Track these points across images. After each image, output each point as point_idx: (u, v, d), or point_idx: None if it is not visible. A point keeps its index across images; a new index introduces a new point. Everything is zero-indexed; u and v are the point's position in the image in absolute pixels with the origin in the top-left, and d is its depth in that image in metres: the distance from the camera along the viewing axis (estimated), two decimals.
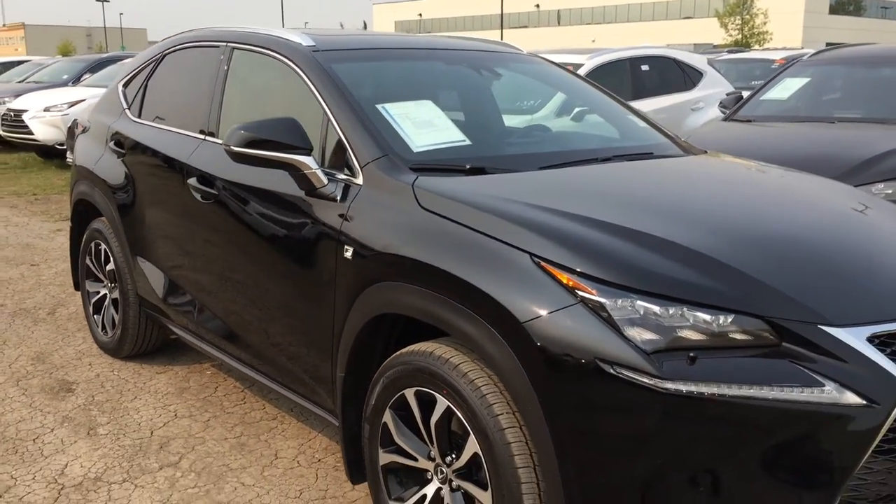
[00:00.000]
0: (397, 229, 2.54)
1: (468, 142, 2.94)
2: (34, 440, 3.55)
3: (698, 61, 8.81)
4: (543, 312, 2.10)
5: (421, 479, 2.54)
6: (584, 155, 3.15)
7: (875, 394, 1.99)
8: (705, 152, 3.56)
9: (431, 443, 2.46)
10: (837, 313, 2.08)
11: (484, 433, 2.23)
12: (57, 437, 3.58)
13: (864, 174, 4.57)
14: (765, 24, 55.56)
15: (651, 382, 1.95)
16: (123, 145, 4.12)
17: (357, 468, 2.75)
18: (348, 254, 2.65)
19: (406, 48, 3.54)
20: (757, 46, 49.91)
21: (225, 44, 3.63)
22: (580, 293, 2.08)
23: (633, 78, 7.94)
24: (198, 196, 3.42)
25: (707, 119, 7.60)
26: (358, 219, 2.66)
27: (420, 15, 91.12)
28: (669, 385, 1.95)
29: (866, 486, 2.04)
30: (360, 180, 2.72)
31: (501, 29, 69.43)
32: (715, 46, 43.27)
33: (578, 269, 2.11)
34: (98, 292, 4.56)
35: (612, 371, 1.99)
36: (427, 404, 2.43)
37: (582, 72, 7.43)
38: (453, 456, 2.40)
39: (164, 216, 3.78)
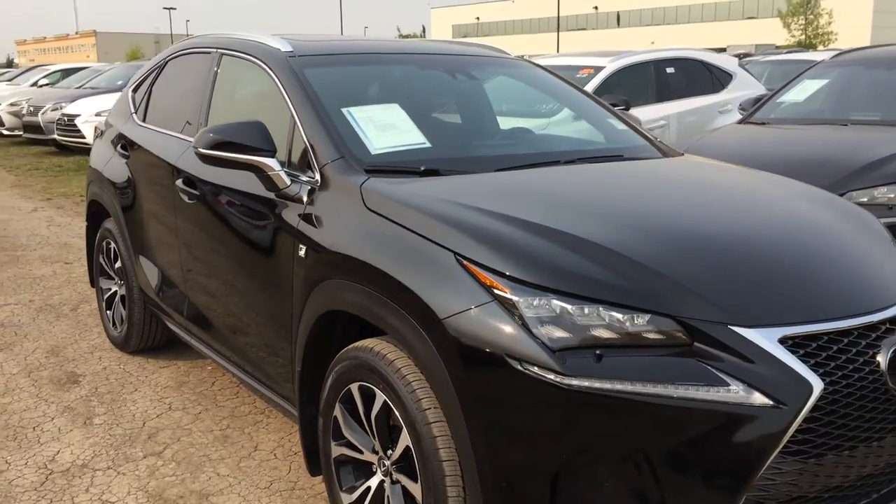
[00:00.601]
0: (344, 229, 2.64)
1: (428, 144, 3.01)
2: (34, 428, 3.74)
3: (727, 63, 8.70)
4: (461, 309, 2.17)
5: (367, 471, 2.62)
6: (548, 157, 3.19)
7: (783, 395, 2.01)
8: (682, 155, 3.57)
9: (374, 436, 2.54)
10: (749, 315, 2.09)
11: (414, 427, 2.31)
12: (55, 425, 3.76)
13: (866, 177, 4.50)
14: (829, 24, 54.16)
15: (555, 379, 2.00)
16: (127, 148, 4.31)
17: (315, 460, 2.85)
18: (302, 252, 2.76)
19: (383, 52, 3.63)
20: (821, 47, 48.73)
21: (216, 50, 3.77)
22: (496, 291, 2.14)
23: (656, 80, 7.90)
24: (184, 197, 3.57)
25: (733, 122, 7.51)
26: (312, 219, 2.76)
27: (478, 18, 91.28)
28: (573, 381, 1.99)
29: (775, 487, 2.05)
30: (318, 181, 2.82)
31: (558, 32, 69.07)
32: (777, 47, 42.37)
33: (495, 268, 2.17)
34: (110, 289, 4.76)
35: (519, 367, 2.05)
36: (369, 399, 2.52)
37: (602, 75, 7.44)
38: (392, 449, 2.48)
39: (158, 216, 3.95)
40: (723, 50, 32.54)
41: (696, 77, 8.28)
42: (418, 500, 2.36)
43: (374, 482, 2.58)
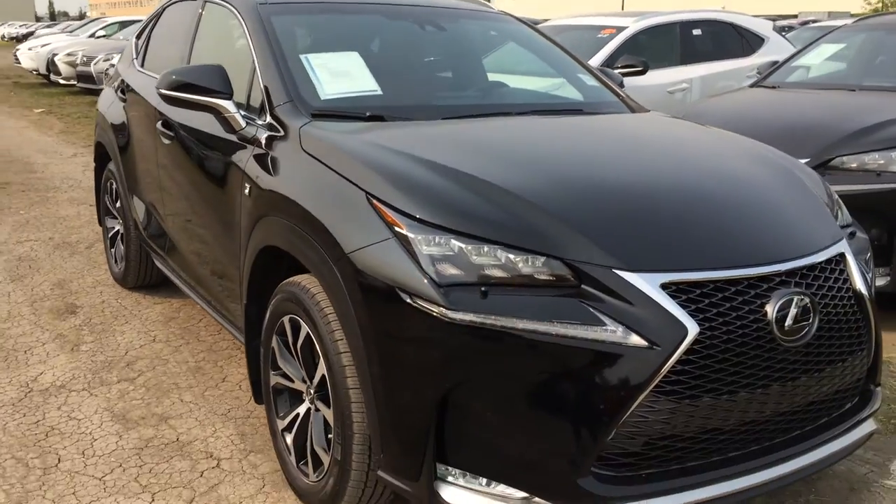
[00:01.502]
0: (281, 169, 2.77)
1: (379, 91, 3.11)
2: (25, 352, 4.00)
3: (760, 27, 8.50)
4: (364, 245, 2.29)
5: (298, 399, 2.77)
6: (501, 109, 3.27)
7: (658, 337, 2.08)
8: (648, 111, 3.59)
9: (301, 366, 2.69)
10: (634, 260, 2.16)
11: (327, 356, 2.44)
12: (45, 350, 4.01)
13: (857, 143, 4.43)
14: None
15: (439, 312, 2.11)
16: (125, 92, 4.50)
17: (259, 389, 3.01)
18: (247, 190, 2.90)
19: (355, 2, 3.71)
20: None
21: None
22: (395, 229, 2.24)
23: (681, 42, 7.78)
24: (163, 138, 3.74)
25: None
26: (259, 159, 2.90)
27: None
28: (455, 315, 2.10)
29: (647, 424, 2.13)
30: (270, 124, 2.95)
31: None
32: (852, 15, 40.83)
33: (398, 207, 2.27)
34: (113, 228, 4.99)
35: (409, 300, 2.16)
36: (297, 330, 2.66)
37: (623, 35, 7.37)
38: (314, 378, 2.62)
39: (146, 157, 4.14)
40: (794, 17, 31.48)
41: (726, 40, 8.12)
42: (331, 426, 2.51)
43: (302, 409, 2.73)
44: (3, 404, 3.43)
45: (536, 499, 2.17)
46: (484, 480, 2.20)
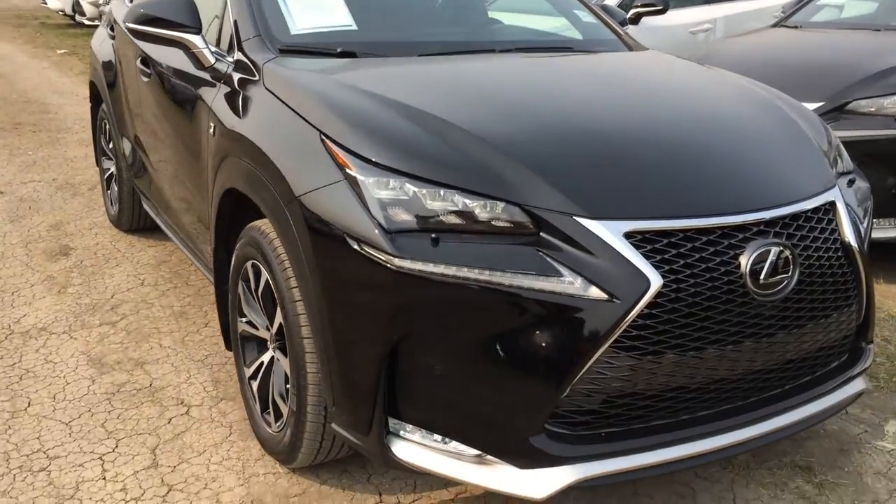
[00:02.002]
0: (244, 108, 2.64)
1: (354, 27, 2.96)
2: (12, 293, 3.97)
3: None
4: (314, 187, 2.17)
5: (264, 347, 2.69)
6: (485, 46, 3.10)
7: (618, 289, 1.95)
8: (646, 50, 3.39)
9: (263, 313, 2.60)
10: (596, 207, 2.02)
11: (283, 304, 2.35)
12: (32, 292, 3.98)
13: (875, 86, 4.19)
14: None
15: (385, 259, 1.99)
16: (113, 28, 4.38)
17: (228, 335, 2.94)
18: (212, 130, 2.78)
19: None
20: None
21: None
22: (346, 171, 2.12)
23: None
24: (142, 76, 3.62)
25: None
26: (224, 97, 2.77)
27: None
28: (403, 263, 1.98)
29: (605, 381, 2.01)
30: (237, 60, 2.82)
31: None
32: None
33: (350, 148, 2.15)
34: (108, 169, 4.92)
35: (356, 247, 2.04)
36: (258, 276, 2.56)
37: None
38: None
39: (129, 95, 4.03)
40: None
41: None
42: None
43: (266, 357, 2.65)
44: None
45: (489, 456, 2.07)
46: (438, 437, 2.11)
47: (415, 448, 2.12)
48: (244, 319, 2.75)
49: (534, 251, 1.99)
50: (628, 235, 1.99)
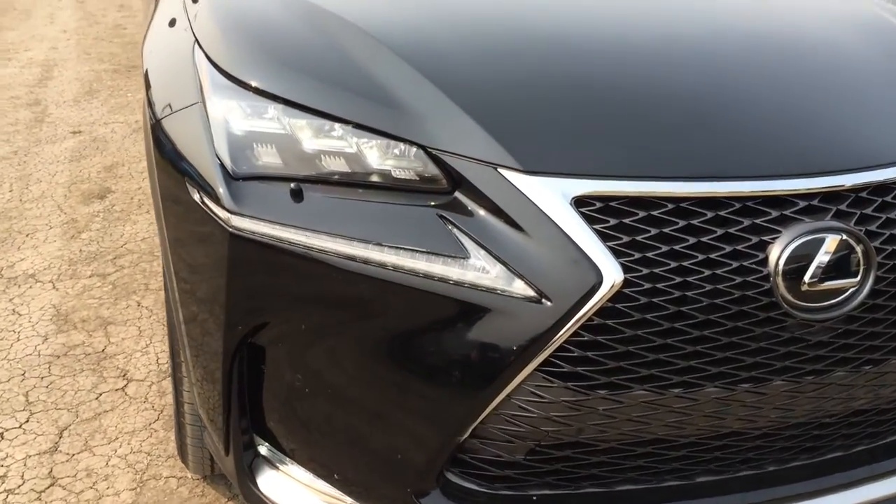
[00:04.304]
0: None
1: None
2: (27, 235, 3.68)
3: None
4: (168, 113, 1.60)
5: None
6: None
7: (554, 286, 1.25)
8: None
9: None
10: (534, 157, 1.31)
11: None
12: (46, 235, 3.67)
13: None
14: None
15: (222, 217, 1.38)
16: None
17: None
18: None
19: None
20: None
21: None
22: (203, 91, 1.52)
23: None
24: None
25: None
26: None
27: None
28: (241, 223, 1.37)
29: (532, 422, 1.31)
30: None
31: None
32: None
33: (214, 61, 1.54)
34: None
35: (196, 197, 1.45)
36: None
37: None
38: None
39: None
40: None
41: None
42: None
43: None
44: None
45: None
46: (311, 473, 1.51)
47: (282, 481, 1.53)
48: None
49: (437, 219, 1.32)
50: (580, 202, 1.28)
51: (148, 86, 1.75)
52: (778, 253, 1.29)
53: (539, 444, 1.33)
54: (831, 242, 1.30)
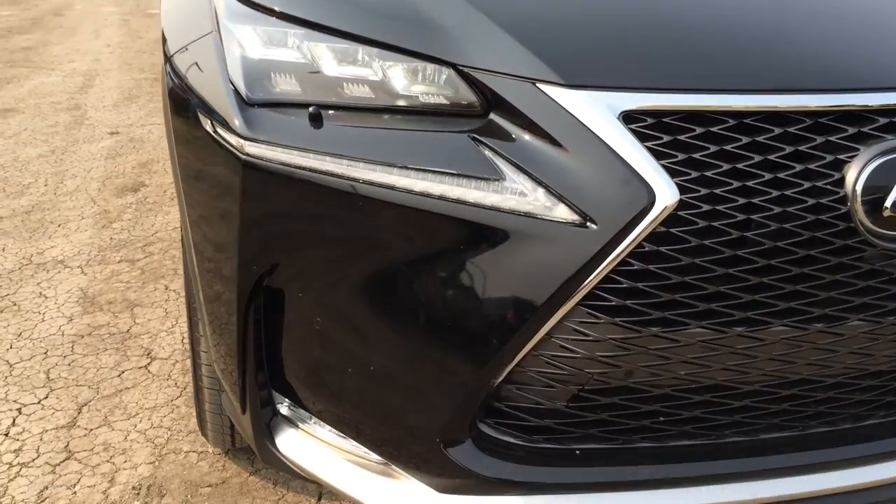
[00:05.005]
0: None
1: None
2: (59, 225, 3.63)
3: None
4: (184, 44, 1.50)
5: None
6: None
7: (600, 208, 1.11)
8: None
9: None
10: (577, 69, 1.18)
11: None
12: (77, 224, 3.63)
13: None
14: None
15: (235, 144, 1.27)
16: None
17: None
18: None
19: None
20: None
21: None
22: (219, 19, 1.41)
23: None
24: None
25: None
26: None
27: None
28: (254, 150, 1.25)
29: (576, 363, 1.17)
30: None
31: None
32: None
33: None
34: None
35: (209, 128, 1.34)
36: None
37: None
38: None
39: None
40: None
41: None
42: None
43: None
44: None
45: (395, 467, 1.31)
46: (337, 431, 1.38)
47: (304, 440, 1.40)
48: None
49: (469, 143, 1.19)
50: (629, 118, 1.14)
51: (163, 22, 1.66)
52: (856, 173, 1.14)
53: (583, 388, 1.19)
54: None
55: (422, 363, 1.23)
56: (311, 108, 1.24)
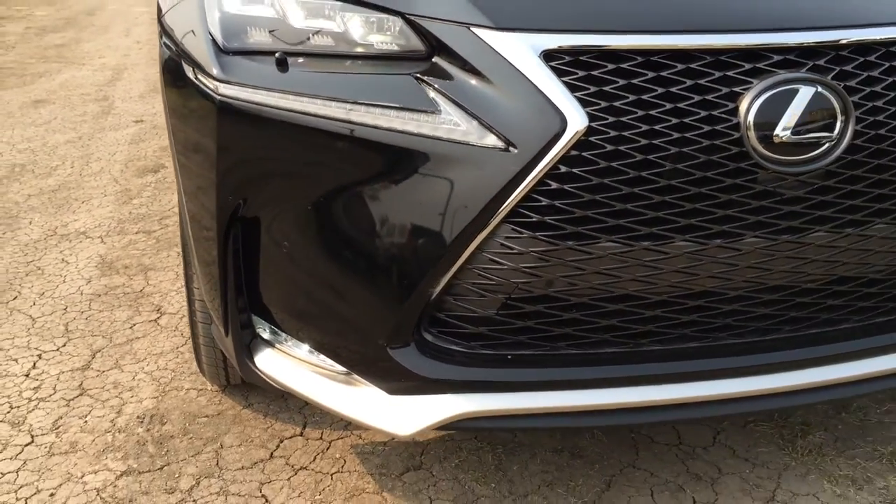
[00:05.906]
0: None
1: None
2: (83, 201, 3.86)
3: None
4: (175, 2, 1.68)
5: None
6: None
7: (518, 133, 1.28)
8: None
9: None
10: (507, 14, 1.34)
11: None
12: (99, 201, 3.85)
13: None
14: None
15: (212, 86, 1.46)
16: None
17: None
18: None
19: None
20: None
21: None
22: None
23: None
24: None
25: None
26: None
27: None
28: (228, 91, 1.44)
29: (503, 275, 1.34)
30: None
31: None
32: None
33: None
34: None
35: (191, 75, 1.53)
36: None
37: None
38: None
39: None
40: None
41: None
42: None
43: None
44: (18, 244, 3.28)
45: (356, 376, 1.48)
46: (307, 346, 1.56)
47: (279, 358, 1.58)
48: None
49: (413, 82, 1.36)
50: (550, 56, 1.30)
51: None
52: (748, 102, 1.29)
53: (510, 297, 1.35)
54: (805, 94, 1.30)
55: (370, 276, 1.40)
56: (277, 54, 1.42)
